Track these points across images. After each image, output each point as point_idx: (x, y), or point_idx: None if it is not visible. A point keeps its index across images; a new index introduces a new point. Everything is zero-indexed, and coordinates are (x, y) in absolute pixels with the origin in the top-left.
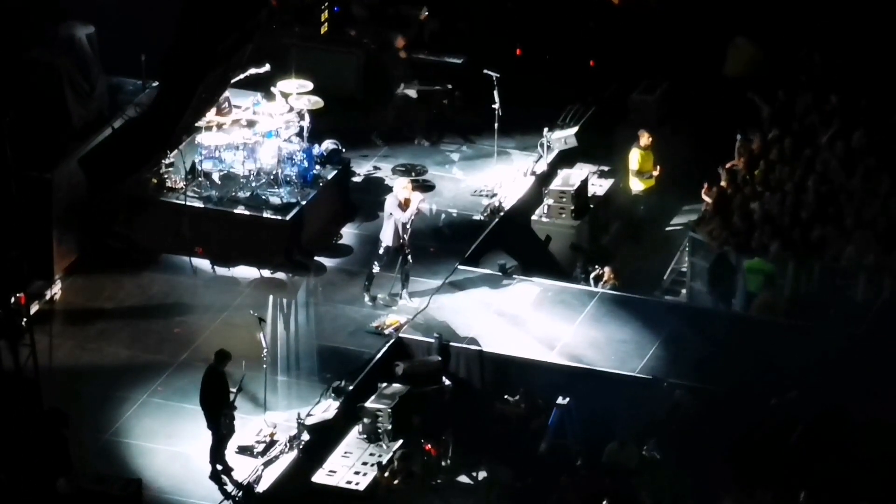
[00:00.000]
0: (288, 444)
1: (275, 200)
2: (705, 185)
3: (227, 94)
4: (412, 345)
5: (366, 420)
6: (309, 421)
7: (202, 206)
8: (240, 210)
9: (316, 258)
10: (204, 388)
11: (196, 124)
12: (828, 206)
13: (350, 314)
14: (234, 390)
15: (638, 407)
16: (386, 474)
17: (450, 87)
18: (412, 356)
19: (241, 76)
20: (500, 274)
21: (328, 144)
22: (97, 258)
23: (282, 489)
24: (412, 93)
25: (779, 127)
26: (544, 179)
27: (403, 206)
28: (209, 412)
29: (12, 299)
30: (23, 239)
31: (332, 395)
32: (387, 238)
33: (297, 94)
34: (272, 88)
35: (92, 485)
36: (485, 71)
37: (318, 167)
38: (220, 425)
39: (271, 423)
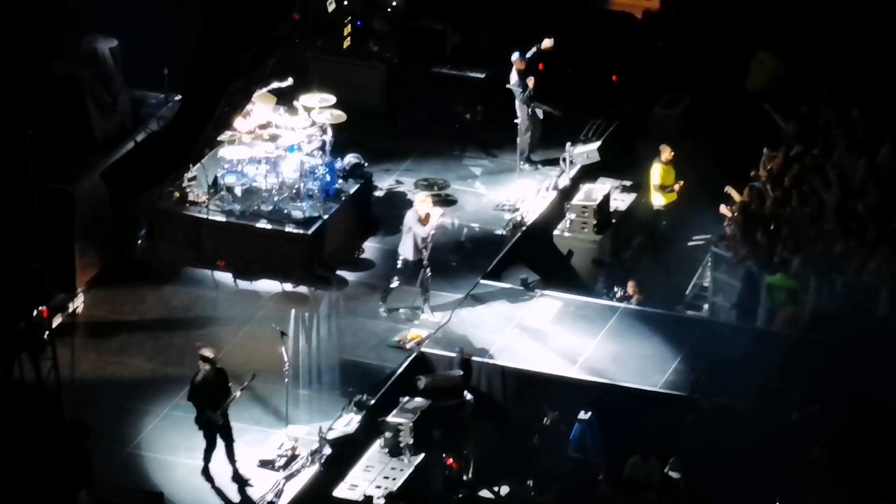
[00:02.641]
0: (309, 458)
1: (297, 214)
2: (725, 206)
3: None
4: (434, 359)
5: (387, 434)
6: (330, 435)
7: (224, 219)
8: (262, 224)
9: (338, 272)
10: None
11: (218, 138)
12: (850, 221)
13: (372, 328)
14: (237, 395)
15: (661, 421)
16: None
17: (558, 112)
18: (434, 370)
19: (264, 90)
20: (521, 288)
21: (350, 158)
22: (119, 271)
23: (303, 503)
24: (540, 113)
25: (801, 141)
26: (566, 194)
27: (424, 220)
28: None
29: (34, 312)
30: (45, 252)
31: (354, 408)
32: (405, 252)
33: (319, 108)
34: (295, 102)
35: (113, 498)
36: (507, 85)
37: (340, 181)
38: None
39: (293, 436)
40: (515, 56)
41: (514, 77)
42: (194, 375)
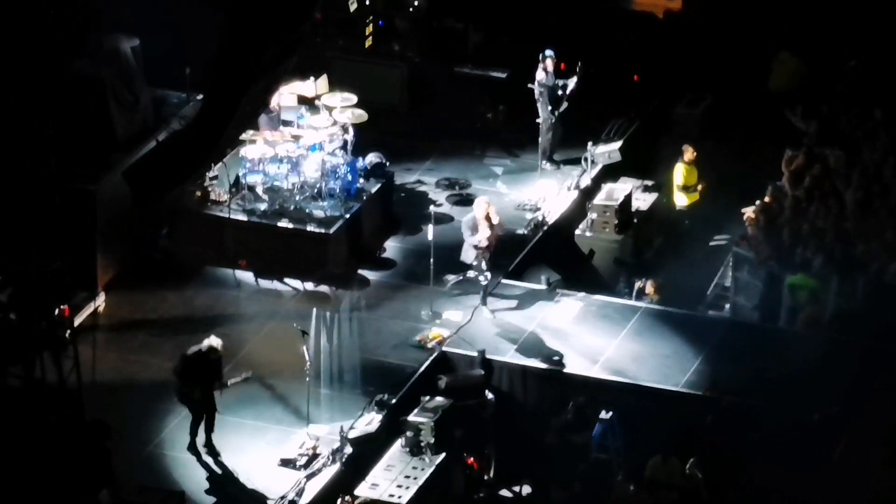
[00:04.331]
0: (331, 457)
1: (318, 213)
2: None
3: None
4: (455, 358)
5: (408, 433)
6: (352, 434)
7: (246, 219)
8: (283, 223)
9: (359, 271)
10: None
11: (240, 137)
12: (871, 222)
13: (393, 327)
14: (238, 379)
15: (681, 421)
16: None
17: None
18: (455, 370)
19: (286, 88)
20: (543, 287)
21: (372, 157)
22: (141, 270)
23: (324, 502)
24: (567, 92)
25: (823, 141)
26: (588, 194)
27: (485, 223)
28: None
29: (56, 311)
30: (66, 251)
31: (375, 408)
32: (465, 257)
33: (341, 108)
34: (316, 102)
35: (134, 497)
36: (529, 85)
37: (361, 180)
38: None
39: (314, 435)
40: (548, 52)
41: (539, 74)
42: (189, 350)
